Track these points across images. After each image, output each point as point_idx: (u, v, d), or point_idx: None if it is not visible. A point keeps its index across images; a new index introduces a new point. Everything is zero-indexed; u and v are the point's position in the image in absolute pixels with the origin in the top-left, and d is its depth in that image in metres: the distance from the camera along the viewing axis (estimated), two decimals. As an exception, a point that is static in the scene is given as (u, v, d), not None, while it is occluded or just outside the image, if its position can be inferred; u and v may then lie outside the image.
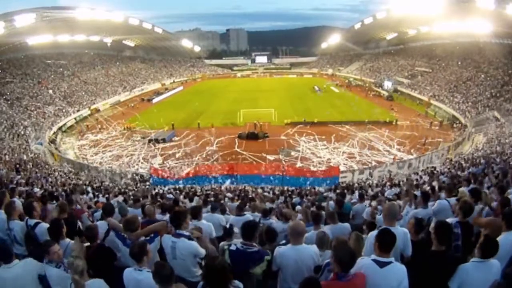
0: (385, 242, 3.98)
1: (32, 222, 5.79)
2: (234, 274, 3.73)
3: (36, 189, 14.63)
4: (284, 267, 4.61)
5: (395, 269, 3.90)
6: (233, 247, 4.67)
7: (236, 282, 3.70)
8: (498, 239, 4.31)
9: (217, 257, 3.86)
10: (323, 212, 7.61)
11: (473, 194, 7.40)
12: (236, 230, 5.99)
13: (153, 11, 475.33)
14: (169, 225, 5.29)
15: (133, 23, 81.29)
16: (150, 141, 41.71)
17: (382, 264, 3.88)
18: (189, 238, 5.10)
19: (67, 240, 5.24)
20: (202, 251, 5.00)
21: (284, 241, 5.68)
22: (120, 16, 75.93)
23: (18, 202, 7.22)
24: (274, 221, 7.55)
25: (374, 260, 3.94)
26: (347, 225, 7.16)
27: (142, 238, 5.05)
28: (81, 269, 4.05)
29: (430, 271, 4.13)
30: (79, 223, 6.79)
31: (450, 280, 4.06)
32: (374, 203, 10.10)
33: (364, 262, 3.91)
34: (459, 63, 67.32)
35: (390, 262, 3.91)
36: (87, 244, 5.08)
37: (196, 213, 6.82)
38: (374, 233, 4.50)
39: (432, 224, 6.23)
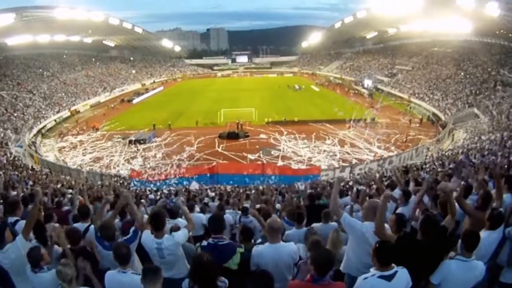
0: (385, 256, 3.78)
1: (12, 219, 5.65)
2: None
3: (13, 192, 14.30)
4: (262, 267, 4.44)
5: (401, 276, 3.75)
6: (204, 243, 4.59)
7: (223, 278, 3.66)
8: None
9: (204, 254, 3.76)
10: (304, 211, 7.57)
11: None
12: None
13: (133, 11, 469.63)
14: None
15: (113, 22, 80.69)
16: (130, 142, 41.08)
17: (389, 278, 3.72)
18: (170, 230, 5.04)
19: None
20: (185, 233, 4.90)
21: (260, 240, 5.65)
22: (100, 15, 75.17)
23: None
24: (254, 219, 7.51)
25: (381, 277, 3.73)
26: (335, 224, 7.15)
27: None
28: (70, 278, 3.97)
29: (414, 259, 4.02)
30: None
31: (432, 274, 4.02)
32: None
33: (372, 283, 3.69)
34: (439, 61, 68.11)
35: (395, 272, 3.75)
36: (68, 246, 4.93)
37: (173, 213, 6.84)
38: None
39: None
